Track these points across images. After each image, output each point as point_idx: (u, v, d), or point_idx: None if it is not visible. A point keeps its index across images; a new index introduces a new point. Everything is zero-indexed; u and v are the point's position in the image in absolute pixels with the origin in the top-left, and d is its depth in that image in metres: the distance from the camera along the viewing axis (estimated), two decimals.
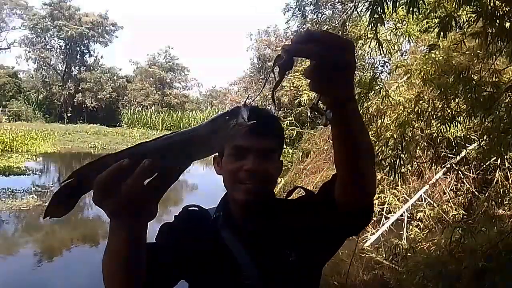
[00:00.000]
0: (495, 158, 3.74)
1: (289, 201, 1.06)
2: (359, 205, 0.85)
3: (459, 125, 3.60)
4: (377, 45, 2.56)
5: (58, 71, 39.80)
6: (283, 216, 1.00)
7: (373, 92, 4.11)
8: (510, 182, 4.41)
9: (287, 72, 0.57)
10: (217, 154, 1.05)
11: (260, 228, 0.98)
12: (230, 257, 0.95)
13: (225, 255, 0.95)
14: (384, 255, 5.33)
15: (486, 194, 4.78)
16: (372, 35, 2.30)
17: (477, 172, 5.84)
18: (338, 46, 0.55)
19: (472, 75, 3.16)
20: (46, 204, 0.55)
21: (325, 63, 0.55)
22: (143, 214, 0.58)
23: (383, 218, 6.00)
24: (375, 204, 3.89)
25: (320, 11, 17.08)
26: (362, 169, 0.77)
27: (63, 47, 39.03)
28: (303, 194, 1.06)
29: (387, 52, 4.13)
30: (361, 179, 0.78)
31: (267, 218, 0.99)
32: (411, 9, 2.02)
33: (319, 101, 0.64)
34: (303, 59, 0.59)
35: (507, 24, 2.47)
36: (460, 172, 5.90)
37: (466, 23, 3.40)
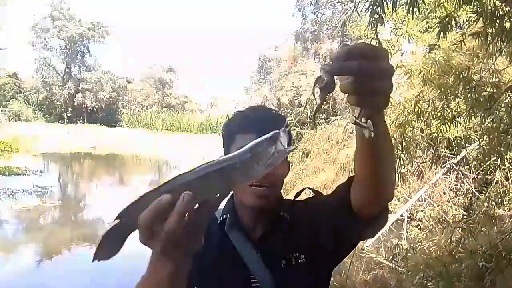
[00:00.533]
0: (495, 158, 3.73)
1: (298, 202, 1.05)
2: (378, 209, 0.84)
3: (459, 125, 3.60)
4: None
5: (58, 71, 39.80)
6: (293, 217, 0.98)
7: None
8: (510, 182, 4.40)
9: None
10: (222, 154, 1.04)
11: (269, 230, 0.97)
12: (239, 260, 0.94)
13: (234, 258, 0.94)
14: (384, 255, 5.33)
15: (486, 194, 4.76)
16: (372, 35, 2.30)
17: (477, 172, 5.84)
18: (378, 57, 0.54)
19: (472, 75, 3.16)
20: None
21: (368, 76, 0.53)
22: (190, 246, 0.57)
23: None
24: None
25: (320, 11, 17.08)
26: (387, 173, 0.77)
27: (63, 47, 39.05)
28: (310, 195, 1.05)
29: None
30: (385, 183, 0.78)
31: (276, 220, 0.98)
32: (411, 9, 2.01)
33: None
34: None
35: (507, 24, 2.47)
36: (460, 172, 5.90)
37: (466, 23, 3.40)
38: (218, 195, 0.56)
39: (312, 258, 0.94)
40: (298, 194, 1.10)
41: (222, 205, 1.06)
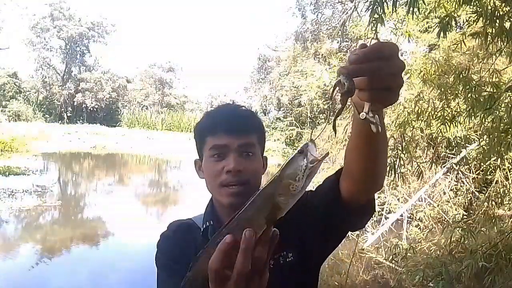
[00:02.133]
0: (495, 158, 3.74)
1: None
2: (368, 198, 0.85)
3: (459, 125, 3.60)
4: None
5: (58, 71, 39.78)
6: None
7: None
8: (510, 182, 4.40)
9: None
10: (197, 157, 1.02)
11: None
12: None
13: None
14: (384, 255, 5.33)
15: (486, 194, 4.77)
16: (372, 35, 2.30)
17: (477, 172, 5.84)
18: (393, 55, 0.55)
19: (472, 75, 3.16)
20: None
21: (384, 74, 0.54)
22: (260, 284, 0.57)
23: (383, 218, 6.00)
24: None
25: (320, 11, 17.07)
26: (383, 166, 0.79)
27: (63, 47, 39.01)
28: None
29: None
30: (380, 175, 0.80)
31: None
32: (411, 9, 2.01)
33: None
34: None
35: (507, 24, 2.47)
36: (460, 172, 5.90)
37: (466, 23, 3.40)
38: (271, 222, 0.57)
39: (301, 255, 0.93)
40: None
41: (202, 212, 1.03)
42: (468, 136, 4.45)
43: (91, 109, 37.85)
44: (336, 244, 0.99)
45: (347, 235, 0.99)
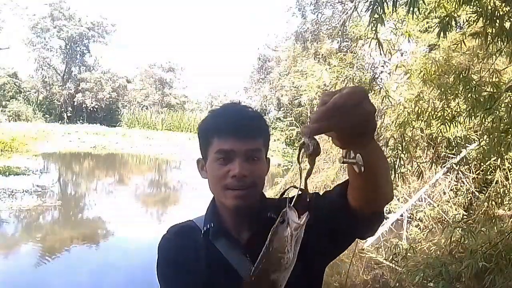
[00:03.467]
0: (495, 158, 3.74)
1: (283, 201, 1.04)
2: (377, 210, 0.84)
3: (459, 125, 3.60)
4: (377, 45, 2.56)
5: (58, 71, 39.76)
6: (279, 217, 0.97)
7: (373, 92, 4.12)
8: (510, 182, 4.39)
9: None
10: (200, 157, 1.01)
11: (256, 233, 0.93)
12: (229, 267, 0.91)
13: (224, 266, 0.92)
14: (384, 255, 5.33)
15: (486, 194, 4.76)
16: (372, 35, 2.30)
17: (477, 172, 5.83)
18: (357, 102, 0.53)
19: (472, 75, 3.16)
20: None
21: (350, 123, 0.53)
22: None
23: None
24: None
25: (320, 11, 17.06)
26: (385, 182, 0.77)
27: (63, 47, 38.99)
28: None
29: (387, 52, 4.14)
30: (384, 192, 0.79)
31: (264, 222, 0.93)
32: (411, 9, 2.01)
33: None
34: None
35: (507, 24, 2.47)
36: (460, 172, 5.90)
37: (466, 23, 3.41)
38: None
39: (305, 258, 0.91)
40: (283, 193, 1.09)
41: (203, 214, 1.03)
42: (468, 136, 4.44)
43: (91, 109, 37.83)
44: (343, 249, 0.97)
45: (354, 240, 0.98)
